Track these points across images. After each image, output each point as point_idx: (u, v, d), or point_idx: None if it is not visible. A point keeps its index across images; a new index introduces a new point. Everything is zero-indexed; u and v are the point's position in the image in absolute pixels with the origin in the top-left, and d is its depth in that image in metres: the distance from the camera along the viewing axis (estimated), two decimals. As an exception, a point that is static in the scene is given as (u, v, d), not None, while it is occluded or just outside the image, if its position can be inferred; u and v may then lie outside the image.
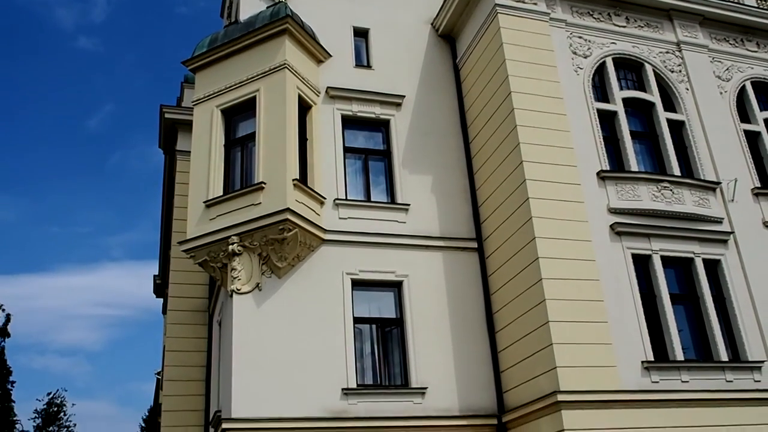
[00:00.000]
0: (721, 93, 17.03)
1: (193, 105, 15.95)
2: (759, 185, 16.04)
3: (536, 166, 14.00)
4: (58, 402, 57.64)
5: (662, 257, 14.31)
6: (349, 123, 16.16)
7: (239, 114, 15.32)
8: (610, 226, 14.14)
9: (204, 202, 14.43)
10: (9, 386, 46.87)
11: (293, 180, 13.93)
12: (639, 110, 16.17)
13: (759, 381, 13.81)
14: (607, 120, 15.59)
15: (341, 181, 15.31)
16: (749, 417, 13.16)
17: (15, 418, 50.23)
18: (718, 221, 15.15)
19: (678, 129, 16.23)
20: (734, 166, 15.97)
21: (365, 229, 14.89)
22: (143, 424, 60.73)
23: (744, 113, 17.22)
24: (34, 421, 56.36)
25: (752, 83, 17.60)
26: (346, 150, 15.86)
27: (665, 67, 16.66)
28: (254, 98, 14.96)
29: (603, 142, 15.04)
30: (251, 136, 14.83)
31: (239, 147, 15.16)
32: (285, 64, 14.89)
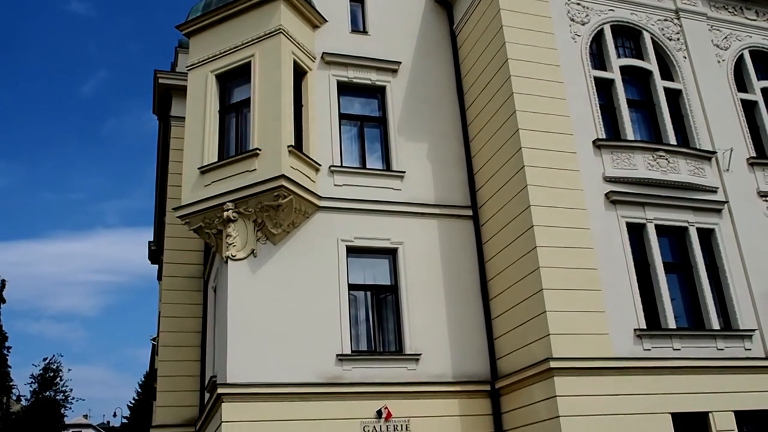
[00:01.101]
0: (719, 62, 16.94)
1: (188, 70, 15.78)
2: (754, 155, 16.03)
3: (532, 134, 13.95)
4: (54, 367, 57.99)
5: (656, 226, 14.35)
6: (345, 89, 16.05)
7: (234, 79, 15.17)
8: (605, 194, 14.15)
9: (199, 168, 14.37)
10: (5, 351, 47.13)
11: (288, 146, 13.87)
12: (636, 78, 16.08)
13: (750, 349, 13.96)
14: (604, 88, 15.51)
15: (336, 148, 15.24)
16: (740, 384, 13.34)
17: (11, 383, 50.61)
18: (713, 190, 15.17)
19: (675, 98, 16.16)
20: (730, 136, 15.96)
21: (360, 196, 14.87)
22: (139, 389, 61.30)
23: (741, 82, 17.15)
24: (31, 386, 56.78)
25: (750, 52, 17.50)
26: (342, 116, 15.78)
27: (663, 35, 16.54)
28: (249, 63, 14.81)
29: (599, 111, 14.98)
30: (246, 102, 14.71)
31: (234, 113, 15.05)
32: (280, 29, 14.73)
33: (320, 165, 14.79)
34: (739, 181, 15.54)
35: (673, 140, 15.31)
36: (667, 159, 14.90)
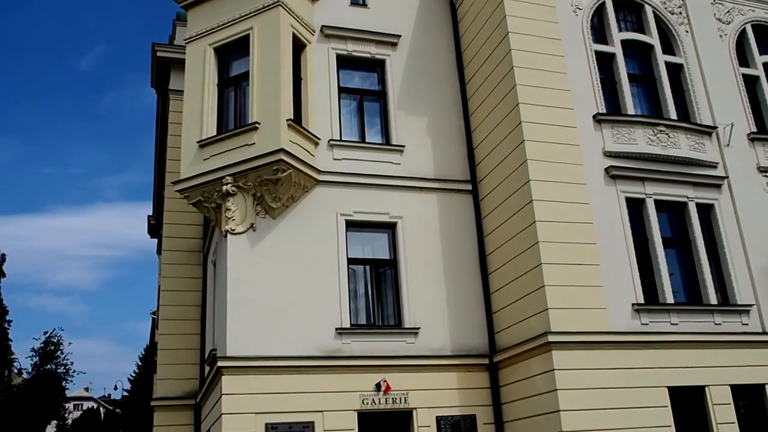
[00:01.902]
0: (720, 36, 16.81)
1: (186, 43, 15.66)
2: (755, 130, 15.97)
3: (532, 109, 13.88)
4: (55, 341, 58.35)
5: (656, 201, 14.34)
6: (344, 63, 15.94)
7: (233, 53, 15.05)
8: (605, 169, 14.12)
9: (198, 142, 14.32)
10: (5, 325, 47.37)
11: (287, 120, 13.81)
12: (637, 52, 15.97)
13: (747, 324, 14.03)
14: (605, 62, 15.40)
15: (336, 122, 15.17)
16: (736, 359, 13.44)
17: (12, 357, 50.93)
18: (713, 166, 15.14)
19: (676, 72, 16.07)
20: (731, 111, 15.88)
21: (360, 171, 14.84)
22: (140, 363, 61.68)
23: (743, 57, 17.03)
24: (32, 360, 57.16)
25: (753, 26, 17.35)
26: (341, 90, 15.69)
27: (665, 8, 16.40)
28: (248, 36, 14.69)
29: (600, 85, 14.90)
30: (245, 76, 14.61)
31: (233, 86, 14.96)
32: (279, 1, 14.57)
33: (319, 139, 14.73)
34: (740, 157, 15.50)
35: (673, 115, 15.25)
36: (667, 134, 14.85)
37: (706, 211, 14.87)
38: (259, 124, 13.81)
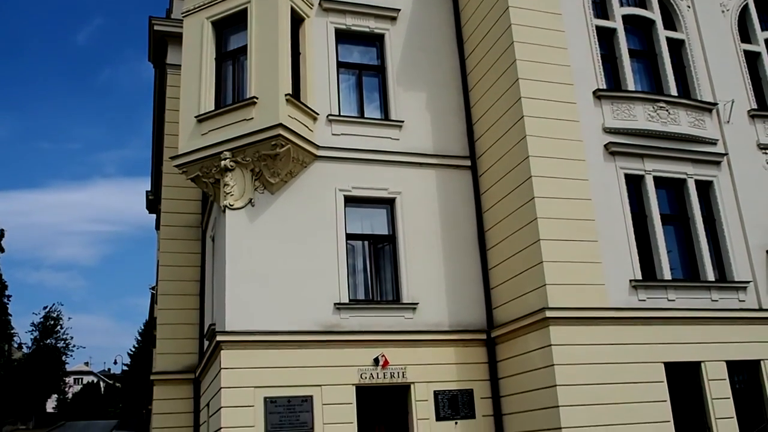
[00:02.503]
0: (723, 12, 16.67)
1: (183, 17, 15.53)
2: (755, 107, 15.91)
3: (532, 84, 13.80)
4: (55, 315, 58.71)
5: (655, 178, 14.32)
6: (343, 37, 15.82)
7: (230, 26, 14.92)
8: (605, 145, 14.08)
9: (196, 116, 14.24)
10: (5, 300, 47.60)
11: (286, 95, 13.73)
12: (638, 28, 15.86)
13: (743, 301, 14.09)
14: (606, 37, 15.30)
15: (334, 97, 15.09)
16: (732, 335, 13.51)
17: (12, 331, 51.23)
18: (713, 142, 15.10)
19: (677, 48, 15.96)
20: (732, 87, 15.80)
21: (358, 146, 14.79)
22: (139, 338, 62.05)
23: (745, 33, 16.91)
24: (32, 334, 57.53)
25: (755, 2, 17.19)
26: (340, 65, 15.59)
27: (667, -17, 16.26)
28: (245, 10, 14.54)
29: (600, 60, 14.80)
30: (243, 50, 14.49)
31: (231, 60, 14.86)
32: (277, -26, 14.43)
33: (318, 114, 14.66)
34: (740, 134, 15.46)
35: (674, 91, 15.17)
36: (667, 110, 14.79)
37: (705, 188, 14.86)
38: (257, 98, 13.74)
